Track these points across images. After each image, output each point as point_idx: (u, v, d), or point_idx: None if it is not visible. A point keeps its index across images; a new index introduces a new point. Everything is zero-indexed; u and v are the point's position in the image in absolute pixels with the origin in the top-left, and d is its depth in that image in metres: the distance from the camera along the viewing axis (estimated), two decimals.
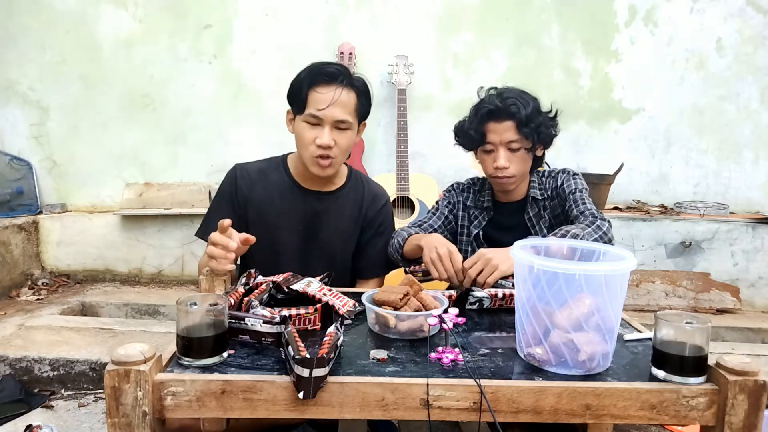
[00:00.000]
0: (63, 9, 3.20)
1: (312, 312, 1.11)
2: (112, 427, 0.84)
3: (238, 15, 3.22)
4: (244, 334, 1.03)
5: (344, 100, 1.46)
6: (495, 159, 1.59)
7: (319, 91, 1.45)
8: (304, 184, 1.60)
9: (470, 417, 0.88)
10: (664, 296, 3.01)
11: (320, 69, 1.47)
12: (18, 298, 2.93)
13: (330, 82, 1.45)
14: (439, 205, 1.82)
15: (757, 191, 3.29)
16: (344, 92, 1.45)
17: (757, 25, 3.17)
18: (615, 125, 3.29)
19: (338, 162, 1.53)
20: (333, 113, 1.45)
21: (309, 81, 1.46)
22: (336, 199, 1.61)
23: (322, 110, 1.44)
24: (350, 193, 1.64)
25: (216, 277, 1.30)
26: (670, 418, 0.90)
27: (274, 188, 1.58)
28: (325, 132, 1.46)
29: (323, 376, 0.84)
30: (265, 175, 1.60)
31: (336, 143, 1.48)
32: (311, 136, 1.47)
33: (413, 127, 3.18)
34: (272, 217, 1.57)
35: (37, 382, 2.14)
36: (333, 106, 1.44)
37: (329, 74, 1.45)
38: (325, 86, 1.45)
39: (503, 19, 3.22)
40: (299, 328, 1.10)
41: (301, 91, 1.47)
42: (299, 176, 1.60)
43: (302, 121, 1.48)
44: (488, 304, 1.28)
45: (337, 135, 1.48)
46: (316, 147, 1.47)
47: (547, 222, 1.68)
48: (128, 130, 3.30)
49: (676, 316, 0.92)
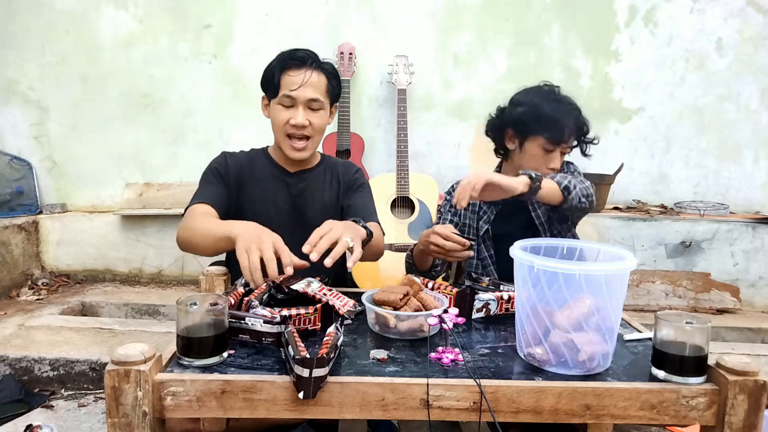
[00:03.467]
0: (63, 9, 3.20)
1: (312, 312, 1.11)
2: (112, 427, 0.84)
3: (238, 15, 3.22)
4: (244, 334, 1.03)
5: (315, 81, 1.53)
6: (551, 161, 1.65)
7: (291, 75, 1.52)
8: (286, 167, 1.67)
9: (470, 417, 0.88)
10: (664, 296, 3.01)
11: (290, 54, 1.55)
12: (18, 298, 2.93)
13: (300, 65, 1.53)
14: (442, 213, 1.84)
15: (757, 191, 3.29)
16: (314, 74, 1.53)
17: (757, 25, 3.17)
18: (615, 125, 3.29)
19: (314, 143, 1.60)
20: (305, 93, 1.52)
21: (280, 66, 1.54)
22: (315, 176, 1.68)
23: (295, 90, 1.51)
24: (325, 168, 1.72)
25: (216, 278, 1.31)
26: (670, 418, 0.90)
27: (260, 173, 1.65)
28: (299, 112, 1.52)
29: (323, 376, 0.84)
30: (252, 161, 1.67)
31: (310, 123, 1.54)
32: (285, 116, 1.54)
33: (413, 127, 3.18)
34: (261, 201, 1.62)
35: (37, 382, 2.14)
36: (305, 87, 1.51)
37: (299, 58, 1.53)
38: (296, 69, 1.52)
39: (503, 19, 3.22)
40: (299, 328, 1.10)
41: (274, 77, 1.54)
42: (280, 161, 1.67)
43: (276, 103, 1.55)
44: (495, 308, 1.26)
45: (310, 115, 1.54)
46: (291, 126, 1.54)
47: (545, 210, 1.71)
48: (128, 130, 3.30)
49: (676, 316, 0.93)
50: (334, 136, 3.04)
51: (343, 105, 3.02)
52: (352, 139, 3.06)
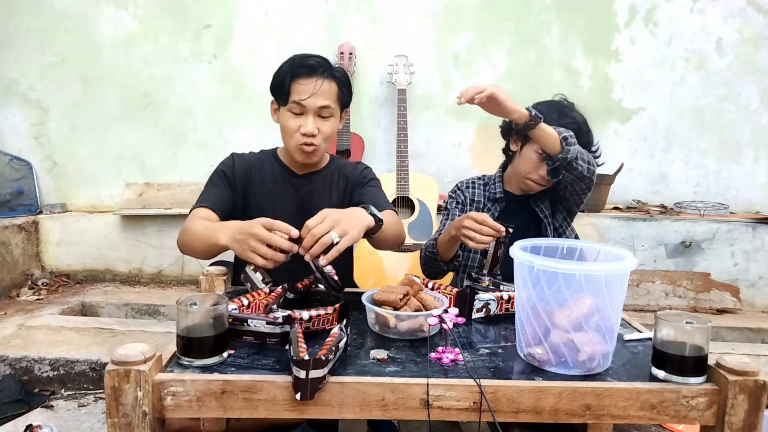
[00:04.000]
0: (63, 9, 3.20)
1: (331, 312, 1.11)
2: (112, 427, 0.84)
3: (238, 15, 3.22)
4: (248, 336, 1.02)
5: (326, 89, 1.51)
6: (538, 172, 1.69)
7: (301, 83, 1.50)
8: (294, 169, 1.66)
9: (470, 417, 0.88)
10: (664, 296, 3.01)
11: (301, 61, 1.52)
12: (18, 298, 2.93)
13: (311, 73, 1.50)
14: (449, 211, 1.85)
15: (757, 191, 3.29)
16: (325, 82, 1.51)
17: (757, 25, 3.17)
18: (615, 125, 3.29)
19: (323, 149, 1.59)
20: (316, 102, 1.50)
21: (291, 73, 1.52)
22: (323, 177, 1.68)
23: (305, 99, 1.50)
24: (334, 169, 1.71)
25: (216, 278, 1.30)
26: (670, 418, 0.90)
27: (268, 175, 1.64)
28: (309, 120, 1.51)
29: (320, 378, 0.84)
30: (260, 162, 1.67)
31: (320, 131, 1.54)
32: (295, 124, 1.53)
33: (413, 127, 3.18)
34: (268, 203, 1.62)
35: (37, 382, 2.14)
36: (315, 96, 1.50)
37: (310, 66, 1.51)
38: (307, 78, 1.50)
39: (503, 19, 3.22)
40: (317, 329, 1.10)
41: (284, 83, 1.52)
42: (289, 163, 1.67)
43: (286, 111, 1.54)
44: (495, 308, 1.26)
45: (320, 123, 1.53)
46: (301, 135, 1.53)
47: (549, 205, 1.77)
48: (128, 130, 3.30)
49: (676, 316, 0.92)
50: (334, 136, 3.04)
51: None
52: (352, 139, 3.06)
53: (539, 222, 1.75)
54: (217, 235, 1.27)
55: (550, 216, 1.76)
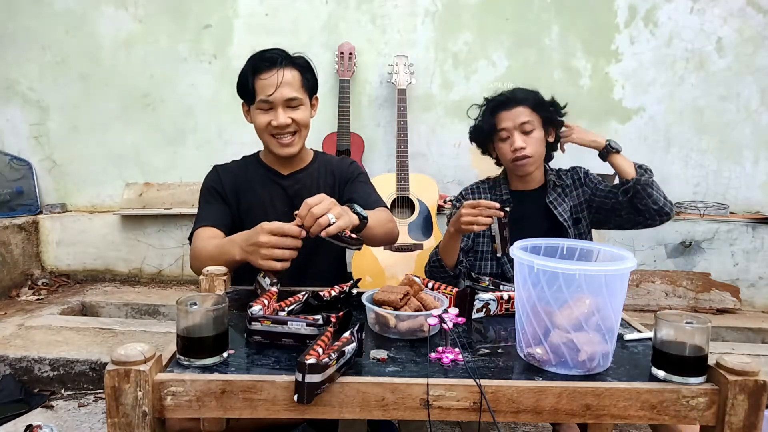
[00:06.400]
0: (63, 9, 3.20)
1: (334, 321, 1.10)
2: (112, 427, 0.84)
3: (238, 15, 3.22)
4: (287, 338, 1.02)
5: (289, 79, 1.51)
6: (512, 143, 1.68)
7: (263, 78, 1.51)
8: (279, 170, 1.66)
9: (470, 417, 0.88)
10: (664, 296, 3.01)
11: (260, 56, 1.53)
12: (18, 298, 2.93)
13: (271, 66, 1.51)
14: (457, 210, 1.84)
15: (757, 191, 3.29)
16: (287, 72, 1.51)
17: (757, 25, 3.17)
18: (615, 125, 3.29)
19: (301, 137, 1.59)
20: (281, 94, 1.51)
21: (252, 70, 1.53)
22: (310, 174, 1.68)
23: (271, 95, 1.50)
24: (319, 166, 1.71)
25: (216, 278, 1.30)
26: (670, 418, 0.90)
27: (254, 179, 1.65)
28: (279, 113, 1.52)
29: (318, 383, 0.83)
30: (244, 169, 1.67)
31: (293, 120, 1.54)
32: (266, 120, 1.54)
33: (413, 127, 3.18)
34: (259, 208, 1.62)
35: (37, 382, 2.14)
36: (280, 88, 1.50)
37: (269, 59, 1.51)
38: (267, 72, 1.51)
39: (503, 19, 3.22)
40: None
41: (248, 83, 1.53)
42: (273, 164, 1.67)
43: (256, 109, 1.55)
44: (495, 308, 1.26)
45: (291, 113, 1.54)
46: (273, 128, 1.54)
47: (567, 209, 1.74)
48: (128, 130, 3.30)
49: (676, 316, 0.92)
50: (334, 136, 3.04)
51: (343, 105, 3.02)
52: (352, 139, 3.06)
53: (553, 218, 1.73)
54: (231, 251, 1.33)
55: (569, 220, 1.73)
